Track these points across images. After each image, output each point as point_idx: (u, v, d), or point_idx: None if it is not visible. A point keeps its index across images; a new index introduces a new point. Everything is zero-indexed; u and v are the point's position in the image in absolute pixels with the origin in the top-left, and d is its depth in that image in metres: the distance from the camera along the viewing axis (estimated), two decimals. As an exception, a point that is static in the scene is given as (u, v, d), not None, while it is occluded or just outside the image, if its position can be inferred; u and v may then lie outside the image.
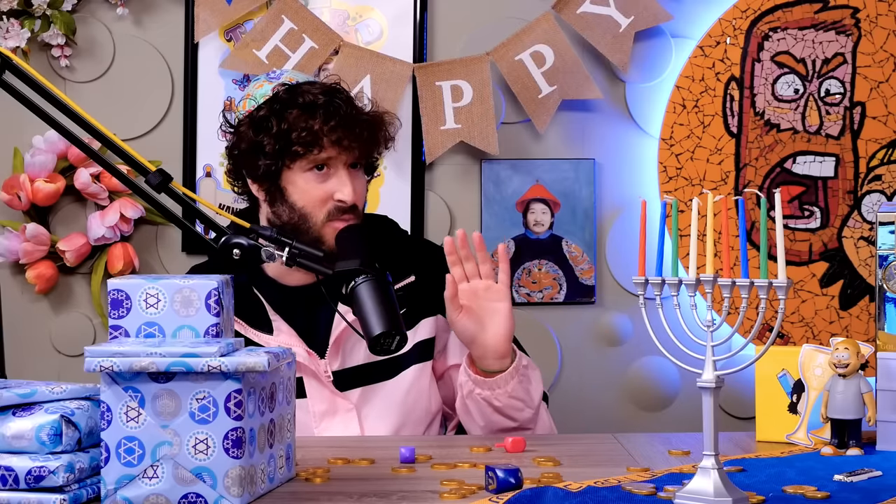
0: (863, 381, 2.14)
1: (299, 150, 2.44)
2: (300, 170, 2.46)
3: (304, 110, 2.45)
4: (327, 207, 2.47)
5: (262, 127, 2.46)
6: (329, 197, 2.47)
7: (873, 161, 3.39)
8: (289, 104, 2.46)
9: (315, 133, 2.44)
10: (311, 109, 2.45)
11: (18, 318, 3.27)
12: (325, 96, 2.47)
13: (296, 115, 2.44)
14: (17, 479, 1.80)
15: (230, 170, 2.56)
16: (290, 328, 2.51)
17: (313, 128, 2.43)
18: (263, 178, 2.48)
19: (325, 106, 2.45)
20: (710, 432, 1.77)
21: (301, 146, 2.44)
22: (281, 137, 2.44)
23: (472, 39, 3.33)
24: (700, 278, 1.76)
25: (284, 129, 2.44)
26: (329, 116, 2.44)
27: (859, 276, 3.40)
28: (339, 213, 2.47)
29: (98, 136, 2.05)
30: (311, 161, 2.46)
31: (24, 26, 3.21)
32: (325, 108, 2.45)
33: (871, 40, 3.37)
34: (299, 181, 2.47)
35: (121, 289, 1.90)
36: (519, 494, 1.81)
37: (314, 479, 1.97)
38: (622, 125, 3.38)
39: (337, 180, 2.47)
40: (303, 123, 2.44)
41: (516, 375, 2.42)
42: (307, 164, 2.46)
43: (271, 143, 2.45)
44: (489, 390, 2.42)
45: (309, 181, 2.47)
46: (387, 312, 2.11)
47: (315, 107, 2.45)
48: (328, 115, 2.44)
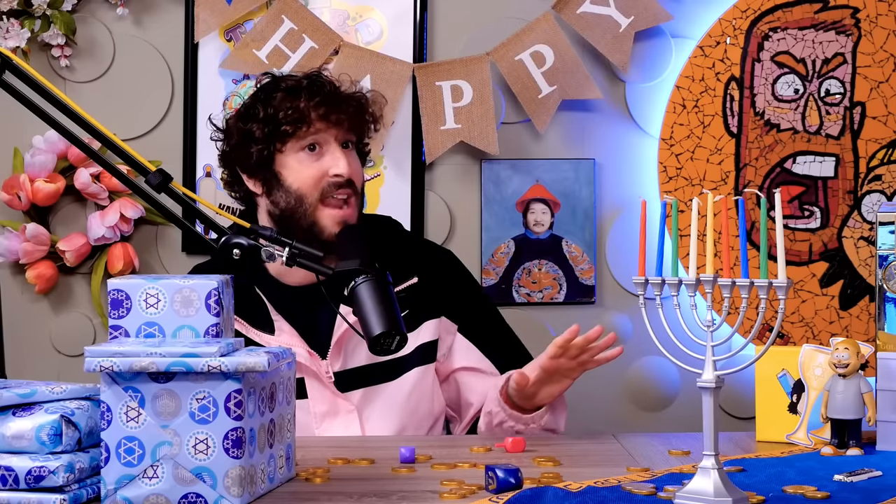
0: (863, 381, 2.14)
1: (288, 130, 2.48)
2: (292, 151, 2.49)
3: (289, 92, 2.50)
4: (322, 185, 2.48)
5: (249, 116, 2.51)
6: (324, 174, 2.49)
7: (873, 161, 3.39)
8: (273, 89, 2.52)
9: (301, 110, 2.48)
10: (295, 91, 2.51)
11: (18, 318, 3.27)
12: (308, 79, 2.53)
13: (280, 97, 2.50)
14: (17, 479, 1.80)
15: (226, 175, 2.59)
16: (291, 328, 2.51)
17: (299, 106, 2.49)
18: (257, 167, 2.50)
19: (309, 86, 2.51)
20: (710, 432, 1.77)
21: (289, 125, 2.48)
22: (269, 121, 2.49)
23: (472, 39, 3.33)
24: (700, 278, 1.76)
25: (271, 113, 2.49)
26: (313, 94, 2.50)
27: (859, 276, 3.40)
28: (335, 188, 2.48)
29: (98, 136, 2.05)
30: (302, 139, 2.49)
31: (24, 26, 3.21)
32: (308, 88, 2.50)
33: (871, 40, 3.37)
34: (292, 162, 2.49)
35: (121, 289, 1.90)
36: (519, 494, 1.81)
37: (314, 479, 1.97)
38: (622, 125, 3.38)
39: (330, 157, 2.50)
40: (288, 103, 2.49)
41: (549, 410, 2.43)
42: (299, 145, 2.49)
43: (260, 128, 2.49)
44: (523, 425, 2.44)
45: (302, 161, 2.49)
46: (387, 312, 2.11)
47: (299, 88, 2.51)
48: (312, 93, 2.50)
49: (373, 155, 3.27)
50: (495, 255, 3.34)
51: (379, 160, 3.31)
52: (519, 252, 3.35)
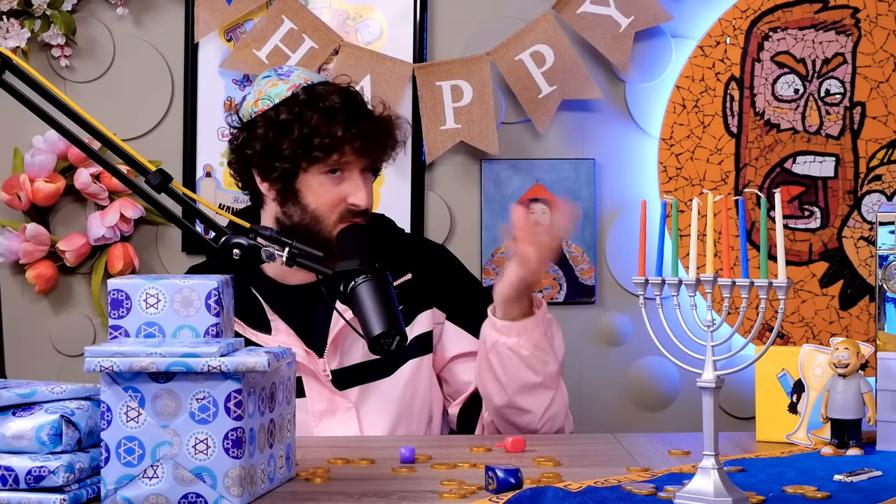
0: (863, 381, 2.14)
1: (319, 156, 2.45)
2: (316, 172, 2.47)
3: (325, 116, 2.45)
4: (339, 210, 2.48)
5: (281, 129, 2.46)
6: (342, 200, 2.48)
7: (873, 161, 3.39)
8: (309, 107, 2.46)
9: (338, 139, 2.45)
10: (332, 115, 2.45)
11: (18, 318, 3.27)
12: (344, 101, 2.48)
13: (317, 120, 2.45)
14: (17, 479, 1.80)
15: (236, 167, 2.55)
16: (288, 328, 2.51)
17: (336, 134, 2.44)
18: (278, 179, 2.48)
19: (346, 112, 2.46)
20: (710, 432, 1.77)
21: (321, 152, 2.45)
22: (301, 142, 2.45)
23: (472, 39, 3.33)
24: (700, 278, 1.76)
25: (306, 134, 2.44)
26: (350, 123, 2.46)
27: (859, 276, 3.40)
28: (351, 215, 2.48)
29: (98, 136, 2.05)
30: (329, 165, 2.46)
31: (24, 26, 3.21)
32: (346, 115, 2.46)
33: (871, 40, 3.37)
34: (314, 184, 2.47)
35: (121, 289, 1.90)
36: (519, 494, 1.81)
37: (314, 479, 1.97)
38: (622, 125, 3.38)
39: (351, 184, 2.48)
40: (325, 129, 2.44)
41: (542, 324, 2.42)
42: (324, 167, 2.47)
43: (290, 147, 2.45)
44: (516, 336, 2.40)
45: (324, 184, 2.47)
46: (387, 312, 2.11)
47: (335, 112, 2.46)
48: (349, 121, 2.46)
49: (373, 155, 3.27)
50: (495, 255, 3.34)
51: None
52: (519, 252, 3.35)
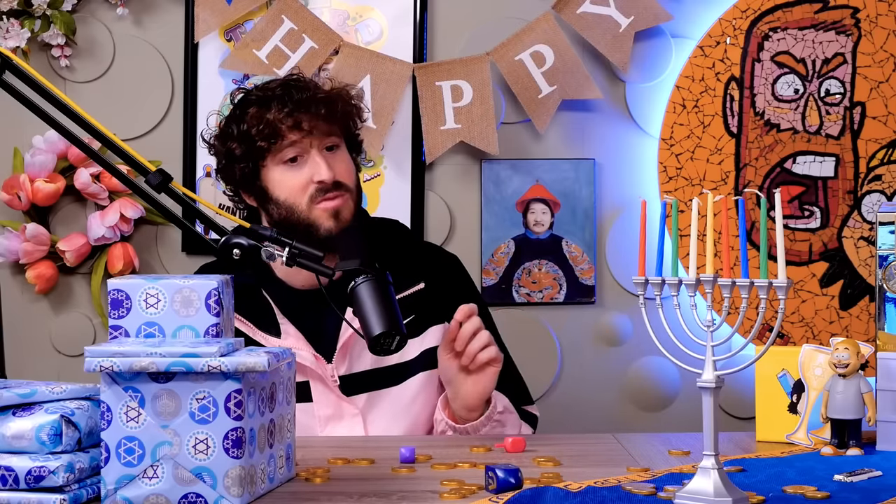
0: (863, 381, 2.14)
1: (263, 145, 2.46)
2: (273, 164, 2.49)
3: (260, 105, 2.48)
4: (308, 192, 2.47)
5: (227, 135, 2.50)
6: (308, 182, 2.48)
7: (873, 161, 3.39)
8: (246, 104, 2.50)
9: (272, 124, 2.46)
10: (266, 102, 2.48)
11: (18, 318, 3.27)
12: (281, 87, 2.50)
13: (252, 112, 2.48)
14: (17, 479, 1.80)
15: (229, 189, 2.60)
16: (297, 331, 2.51)
17: (269, 119, 2.46)
18: (244, 183, 2.51)
19: (280, 96, 2.48)
20: (710, 432, 1.77)
21: (263, 140, 2.47)
22: (244, 139, 2.48)
23: (472, 39, 3.33)
24: (700, 278, 1.76)
25: (244, 130, 2.48)
26: (283, 104, 2.47)
27: (859, 276, 3.40)
28: (323, 192, 2.47)
29: (98, 136, 2.05)
30: (280, 153, 2.48)
31: (24, 26, 3.21)
32: (279, 98, 2.48)
33: (871, 40, 3.37)
34: (276, 176, 2.49)
35: (121, 289, 1.90)
36: (519, 494, 1.81)
37: (314, 479, 1.97)
38: (622, 125, 3.38)
39: (310, 164, 2.48)
40: (259, 118, 2.47)
41: (488, 423, 2.45)
42: (278, 158, 2.48)
43: (238, 147, 2.49)
44: (463, 434, 2.45)
45: (284, 173, 2.49)
46: (386, 312, 2.11)
47: (269, 99, 2.48)
48: (282, 103, 2.47)
49: (372, 155, 3.27)
50: (495, 255, 3.34)
51: (379, 160, 3.31)
52: (519, 252, 3.35)
